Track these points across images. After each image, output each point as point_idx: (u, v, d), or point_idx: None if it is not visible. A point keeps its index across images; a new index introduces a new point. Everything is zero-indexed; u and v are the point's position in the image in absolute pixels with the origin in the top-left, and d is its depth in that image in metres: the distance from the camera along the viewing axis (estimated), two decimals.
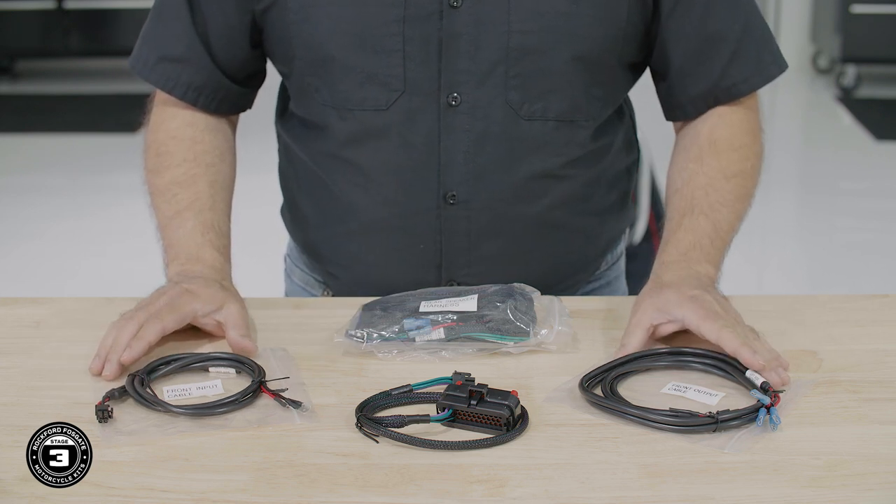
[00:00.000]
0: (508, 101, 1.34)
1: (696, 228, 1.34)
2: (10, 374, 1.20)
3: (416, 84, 1.34)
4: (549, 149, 1.38)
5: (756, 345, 1.17)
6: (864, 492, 0.97)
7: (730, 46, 1.38)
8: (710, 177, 1.38)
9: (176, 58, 1.41)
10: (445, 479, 0.99)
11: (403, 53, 1.32)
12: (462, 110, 1.34)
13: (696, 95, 1.41)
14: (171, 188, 1.41)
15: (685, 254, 1.32)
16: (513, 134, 1.36)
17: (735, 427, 1.06)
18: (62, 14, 6.29)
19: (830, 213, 4.39)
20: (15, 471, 1.00)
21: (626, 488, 0.97)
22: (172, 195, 1.40)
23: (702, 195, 1.36)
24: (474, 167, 1.36)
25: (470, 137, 1.35)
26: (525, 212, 1.38)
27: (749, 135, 1.42)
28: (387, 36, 1.32)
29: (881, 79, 6.19)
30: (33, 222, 4.37)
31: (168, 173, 1.41)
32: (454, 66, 1.33)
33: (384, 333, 1.23)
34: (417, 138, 1.36)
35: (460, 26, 1.32)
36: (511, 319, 1.23)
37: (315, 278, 1.55)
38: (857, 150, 5.12)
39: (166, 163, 1.42)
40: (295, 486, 0.98)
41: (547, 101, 1.35)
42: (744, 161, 1.40)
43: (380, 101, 1.35)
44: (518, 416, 1.07)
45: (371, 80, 1.34)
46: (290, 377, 1.16)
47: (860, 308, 1.36)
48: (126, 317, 1.25)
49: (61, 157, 5.16)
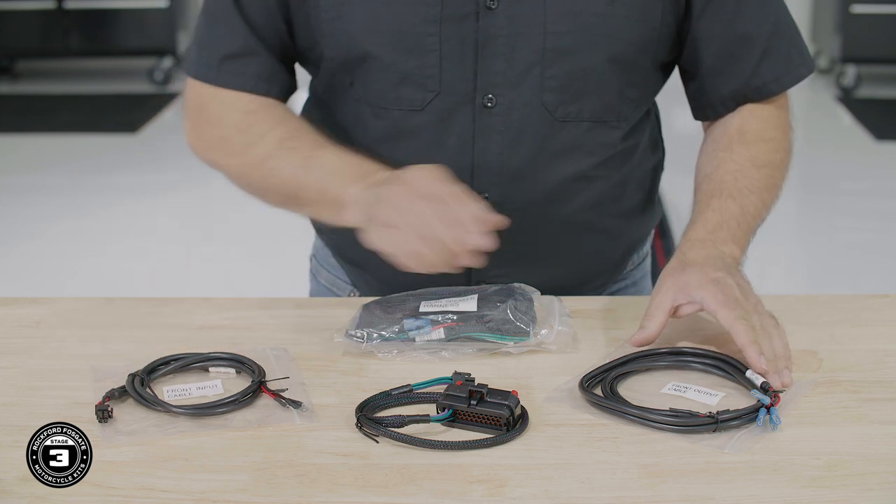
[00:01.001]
0: (544, 102, 1.34)
1: (723, 209, 1.34)
2: (10, 374, 1.20)
3: (451, 85, 1.34)
4: (582, 150, 1.38)
5: (766, 344, 1.17)
6: (864, 492, 0.97)
7: (760, 46, 1.39)
8: (740, 164, 1.39)
9: (237, 53, 1.39)
10: (445, 479, 0.99)
11: (440, 54, 1.32)
12: (497, 112, 1.34)
13: (727, 95, 1.42)
14: (282, 145, 1.35)
15: (711, 233, 1.32)
16: (547, 135, 1.36)
17: (735, 427, 1.06)
18: (62, 14, 6.29)
19: (830, 213, 4.39)
20: (15, 471, 1.00)
21: (626, 488, 0.97)
22: (289, 149, 1.34)
23: (731, 180, 1.37)
24: (508, 169, 1.36)
25: (504, 139, 1.35)
26: (556, 213, 1.38)
27: (779, 130, 1.43)
28: (423, 36, 1.32)
29: (881, 79, 6.19)
30: (33, 222, 4.37)
31: (269, 137, 1.36)
32: (490, 68, 1.33)
33: (384, 333, 1.23)
34: (451, 139, 1.36)
35: (496, 28, 1.31)
36: (511, 319, 1.23)
37: (342, 279, 1.54)
38: (857, 150, 5.12)
39: (259, 131, 1.37)
40: (295, 486, 0.98)
41: (582, 102, 1.35)
42: (773, 153, 1.41)
43: (415, 101, 1.35)
44: (518, 416, 1.07)
45: (406, 80, 1.34)
46: (290, 377, 1.16)
47: (860, 308, 1.36)
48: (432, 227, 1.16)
49: (61, 157, 5.16)
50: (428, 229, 1.16)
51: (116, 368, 1.18)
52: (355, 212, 1.25)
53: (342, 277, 1.54)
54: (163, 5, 6.24)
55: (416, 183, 1.21)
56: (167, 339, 1.27)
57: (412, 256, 1.17)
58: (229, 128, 1.39)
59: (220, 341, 1.26)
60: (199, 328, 1.31)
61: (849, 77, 5.95)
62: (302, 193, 1.32)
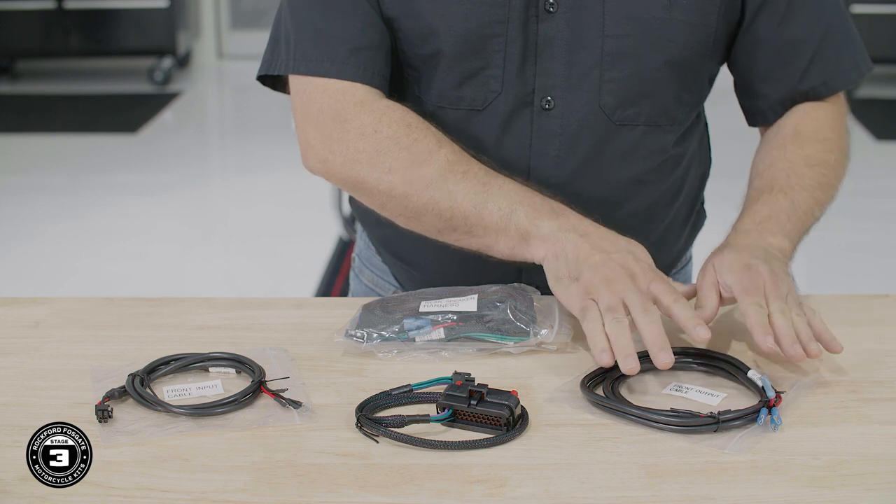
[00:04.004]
0: (602, 105, 1.34)
1: (773, 203, 1.34)
2: (10, 374, 1.20)
3: (512, 86, 1.33)
4: (637, 154, 1.38)
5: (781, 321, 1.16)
6: (864, 492, 0.97)
7: (809, 51, 1.39)
8: (792, 162, 1.39)
9: (368, 45, 1.31)
10: (445, 479, 0.99)
11: (504, 55, 1.32)
12: (555, 114, 1.34)
13: (776, 100, 1.43)
14: (454, 168, 1.27)
15: (759, 224, 1.32)
16: (603, 138, 1.36)
17: (736, 427, 1.06)
18: (62, 14, 6.29)
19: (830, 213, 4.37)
20: (15, 471, 1.00)
21: (627, 488, 0.97)
22: (462, 173, 1.27)
23: (782, 177, 1.37)
24: (564, 171, 1.36)
25: (561, 141, 1.35)
26: (609, 217, 1.35)
27: (834, 131, 1.43)
28: (491, 37, 1.31)
29: (881, 79, 6.19)
30: (33, 222, 4.37)
31: (437, 158, 1.28)
32: (548, 70, 1.33)
33: (384, 333, 1.23)
34: (509, 140, 1.35)
35: (555, 30, 1.32)
36: (511, 319, 1.23)
37: (386, 280, 1.54)
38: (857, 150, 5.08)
39: (426, 149, 1.28)
40: (295, 486, 0.98)
41: (639, 106, 1.35)
42: (827, 153, 1.41)
43: (476, 101, 1.35)
44: (518, 416, 1.07)
45: (470, 80, 1.34)
46: (290, 377, 1.16)
47: (860, 308, 1.36)
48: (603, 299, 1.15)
49: (61, 157, 5.16)
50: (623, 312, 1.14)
51: (116, 368, 1.18)
52: (542, 248, 1.23)
53: (386, 278, 1.54)
54: (163, 5, 6.24)
55: (626, 258, 1.19)
56: (167, 339, 1.27)
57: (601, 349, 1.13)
58: (387, 141, 1.29)
59: (220, 341, 1.26)
60: (199, 328, 1.31)
61: None
62: (481, 221, 1.26)
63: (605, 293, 1.16)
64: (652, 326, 1.12)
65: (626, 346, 1.11)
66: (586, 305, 1.16)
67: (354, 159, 1.29)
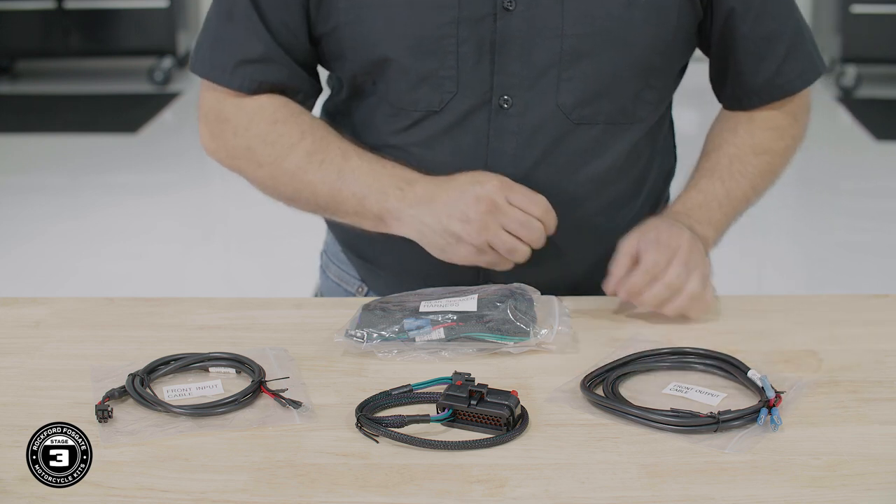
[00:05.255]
0: (559, 104, 1.35)
1: (708, 190, 1.41)
2: (10, 374, 1.20)
3: (468, 86, 1.34)
4: (596, 152, 1.38)
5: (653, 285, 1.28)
6: (864, 492, 0.97)
7: (785, 44, 1.41)
8: (739, 148, 1.44)
9: (256, 59, 1.38)
10: (445, 479, 0.99)
11: (457, 55, 1.33)
12: (512, 113, 1.35)
13: (753, 93, 1.44)
14: (311, 158, 1.36)
15: (690, 210, 1.39)
16: (561, 137, 1.36)
17: (736, 427, 1.06)
18: (62, 14, 6.28)
19: (830, 213, 4.39)
20: (15, 471, 1.00)
21: (627, 488, 0.97)
22: (319, 162, 1.35)
23: (725, 163, 1.43)
24: (521, 170, 1.36)
25: (518, 140, 1.36)
26: (569, 215, 1.37)
27: (789, 116, 1.46)
28: (441, 38, 1.32)
29: (881, 79, 6.19)
30: (33, 222, 4.37)
31: (297, 150, 1.36)
32: (506, 69, 1.33)
33: (384, 333, 1.23)
34: (467, 139, 1.36)
35: (513, 29, 1.32)
36: (511, 319, 1.23)
37: (351, 274, 1.54)
38: (857, 150, 5.12)
39: (287, 143, 1.37)
40: (295, 486, 0.98)
41: (597, 104, 1.36)
42: (777, 140, 1.45)
43: (433, 102, 1.36)
44: (518, 416, 1.07)
45: (425, 82, 1.35)
46: (290, 377, 1.16)
47: (860, 308, 1.36)
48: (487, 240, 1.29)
49: (61, 157, 5.16)
50: (492, 239, 1.28)
51: (116, 368, 1.18)
52: (402, 228, 1.32)
53: (351, 273, 1.54)
54: (163, 5, 6.24)
55: (472, 189, 1.28)
56: (167, 339, 1.27)
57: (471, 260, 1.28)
58: (255, 139, 1.38)
59: (220, 341, 1.26)
60: (199, 328, 1.31)
61: (849, 77, 5.95)
62: (340, 207, 1.35)
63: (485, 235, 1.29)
64: (533, 234, 1.29)
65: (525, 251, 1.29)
66: (484, 251, 1.30)
67: (232, 155, 1.41)
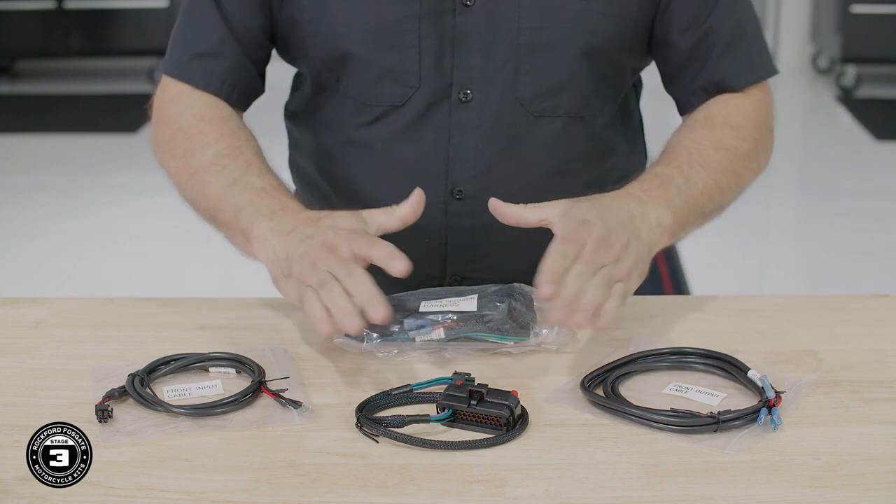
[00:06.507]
0: (518, 97, 1.36)
1: (665, 175, 1.29)
2: (10, 374, 1.20)
3: (430, 80, 1.36)
4: (557, 145, 1.39)
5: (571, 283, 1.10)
6: (864, 492, 0.97)
7: (723, 41, 1.40)
8: (698, 142, 1.36)
9: (209, 52, 1.40)
10: (445, 479, 0.99)
11: (419, 49, 1.34)
12: (473, 106, 1.36)
13: (695, 89, 1.43)
14: (218, 161, 1.33)
15: (645, 191, 1.26)
16: (522, 130, 1.37)
17: (736, 427, 1.06)
18: (62, 14, 6.28)
19: (830, 213, 4.39)
20: (15, 471, 1.00)
21: (626, 488, 0.97)
22: (222, 167, 1.33)
23: (684, 154, 1.33)
24: (482, 163, 1.38)
25: (479, 133, 1.37)
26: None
27: (750, 120, 1.41)
28: (403, 32, 1.34)
29: (881, 79, 6.19)
30: (33, 222, 4.36)
31: (209, 150, 1.35)
32: (466, 63, 1.35)
33: (384, 333, 1.23)
34: (428, 133, 1.38)
35: (472, 24, 1.34)
36: (511, 319, 1.23)
37: None
38: (857, 150, 5.12)
39: (203, 141, 1.36)
40: (295, 486, 0.98)
41: (557, 97, 1.37)
42: (738, 140, 1.38)
43: (395, 96, 1.37)
44: (518, 416, 1.07)
45: (387, 76, 1.36)
46: (290, 377, 1.16)
47: (860, 308, 1.36)
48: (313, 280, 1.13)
49: (61, 157, 5.16)
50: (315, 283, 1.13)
51: (116, 368, 1.18)
52: (259, 251, 1.23)
53: None
54: (163, 5, 6.24)
55: (326, 235, 1.16)
56: (167, 339, 1.27)
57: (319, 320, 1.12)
58: (178, 131, 1.39)
59: (220, 341, 1.26)
60: (199, 328, 1.31)
61: (849, 77, 5.95)
62: (219, 216, 1.31)
63: (312, 274, 1.14)
64: (360, 286, 1.11)
65: (342, 308, 1.10)
66: (302, 292, 1.15)
67: (157, 144, 1.43)
